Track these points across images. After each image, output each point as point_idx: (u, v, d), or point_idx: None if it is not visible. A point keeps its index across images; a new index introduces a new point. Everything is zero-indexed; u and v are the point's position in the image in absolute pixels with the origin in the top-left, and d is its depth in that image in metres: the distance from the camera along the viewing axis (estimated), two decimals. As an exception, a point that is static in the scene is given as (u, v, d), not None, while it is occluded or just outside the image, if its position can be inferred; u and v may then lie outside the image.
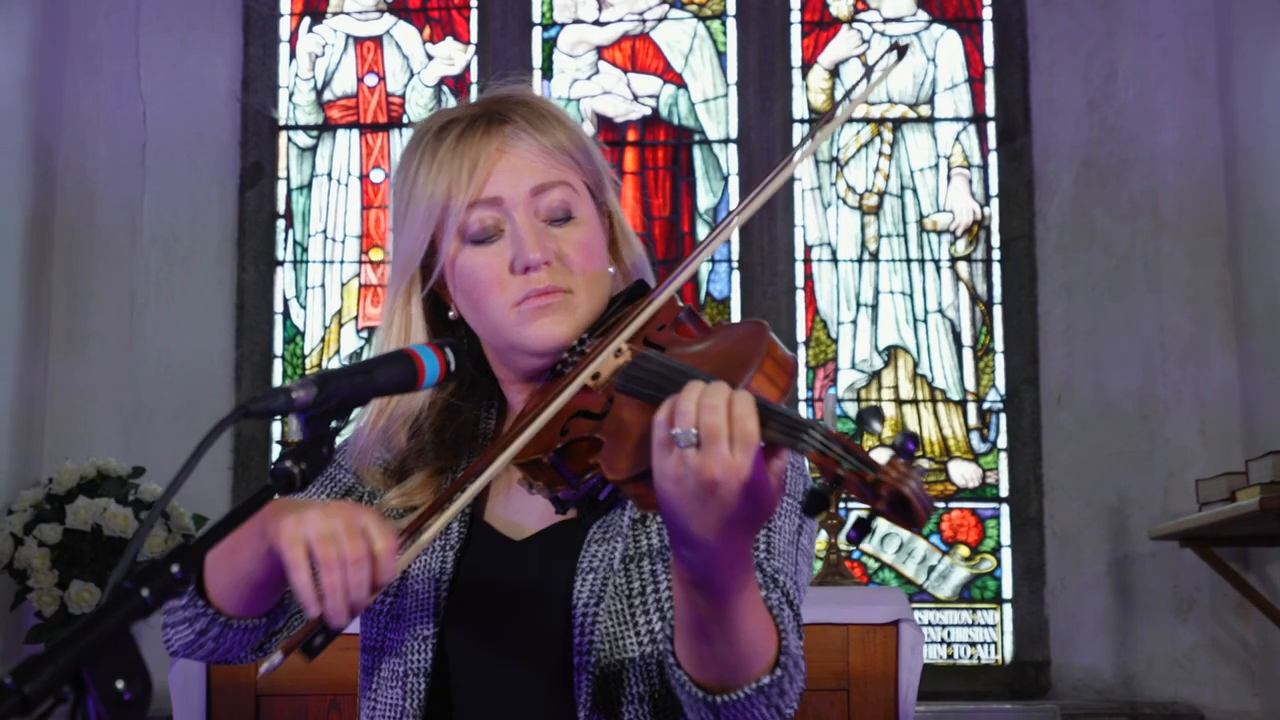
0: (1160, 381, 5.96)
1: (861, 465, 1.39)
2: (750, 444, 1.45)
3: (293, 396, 1.44)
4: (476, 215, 1.87)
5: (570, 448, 1.71)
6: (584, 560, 1.86)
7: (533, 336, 1.87)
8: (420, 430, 1.96)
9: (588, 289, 1.89)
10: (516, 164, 1.88)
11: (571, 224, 1.90)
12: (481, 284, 1.88)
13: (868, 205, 6.27)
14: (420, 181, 1.89)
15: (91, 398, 5.97)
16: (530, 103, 1.95)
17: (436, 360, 1.59)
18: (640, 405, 1.64)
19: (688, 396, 1.48)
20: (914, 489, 1.36)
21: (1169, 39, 6.09)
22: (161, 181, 6.15)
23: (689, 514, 1.49)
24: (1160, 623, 5.85)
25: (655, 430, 1.50)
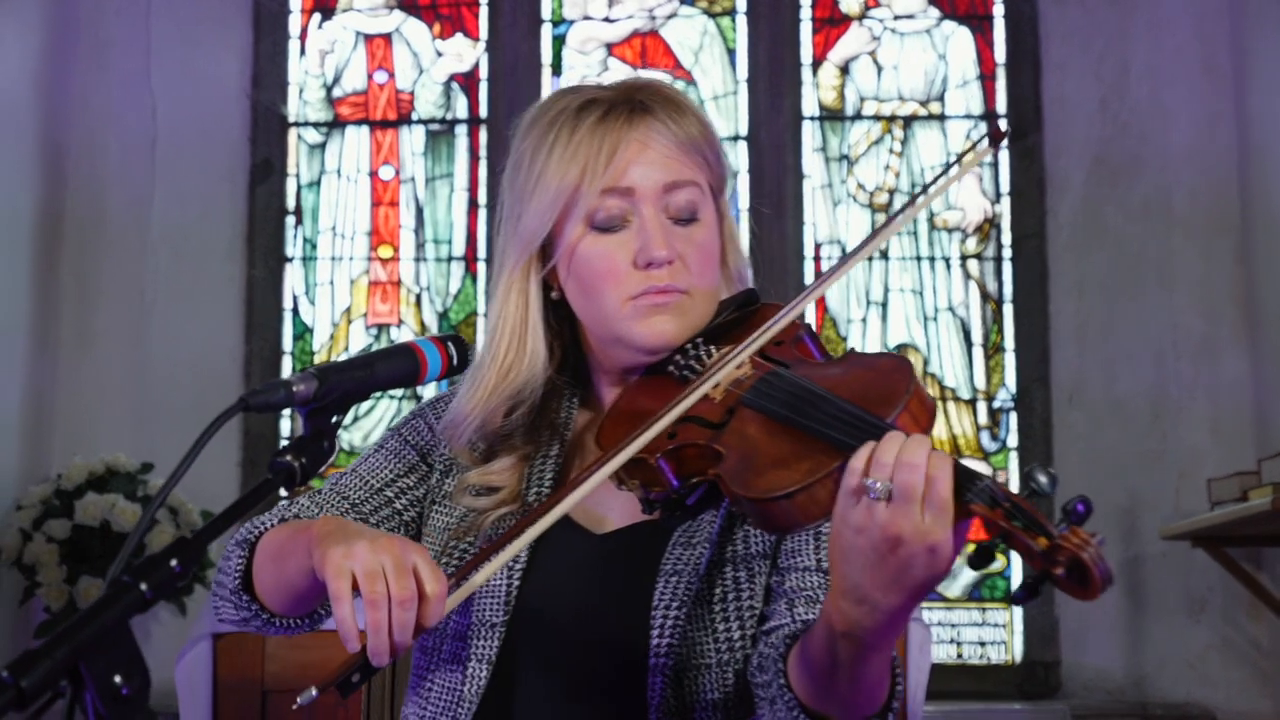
0: (1172, 380, 5.93)
1: (1034, 527, 1.38)
2: (944, 511, 1.43)
3: (293, 390, 1.43)
4: (607, 202, 1.85)
5: (681, 452, 1.69)
6: (667, 562, 1.84)
7: (644, 333, 1.85)
8: (520, 412, 1.94)
9: (703, 293, 1.88)
10: (653, 157, 1.86)
11: (695, 225, 1.89)
12: (599, 272, 1.86)
13: (878, 203, 6.25)
14: (555, 159, 1.87)
15: (101, 394, 5.97)
16: (672, 96, 1.92)
17: (439, 355, 1.58)
18: (769, 424, 1.63)
19: (888, 448, 1.45)
20: (1093, 556, 1.35)
21: (1182, 36, 6.06)
22: (171, 178, 6.15)
23: (862, 566, 1.47)
24: (1172, 623, 5.81)
25: (846, 476, 1.47)
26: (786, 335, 1.80)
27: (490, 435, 1.94)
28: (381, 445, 2.04)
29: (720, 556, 1.85)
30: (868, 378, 1.64)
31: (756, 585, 1.84)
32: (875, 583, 1.47)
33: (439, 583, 1.55)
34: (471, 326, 6.22)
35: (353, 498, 1.97)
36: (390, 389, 1.55)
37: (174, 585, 1.31)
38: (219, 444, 5.86)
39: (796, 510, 1.53)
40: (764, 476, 1.56)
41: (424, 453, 2.02)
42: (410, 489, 2.00)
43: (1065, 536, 1.36)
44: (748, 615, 1.82)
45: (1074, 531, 1.36)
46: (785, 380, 1.67)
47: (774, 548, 1.85)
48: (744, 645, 1.81)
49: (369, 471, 2.00)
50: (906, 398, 1.56)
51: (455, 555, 1.92)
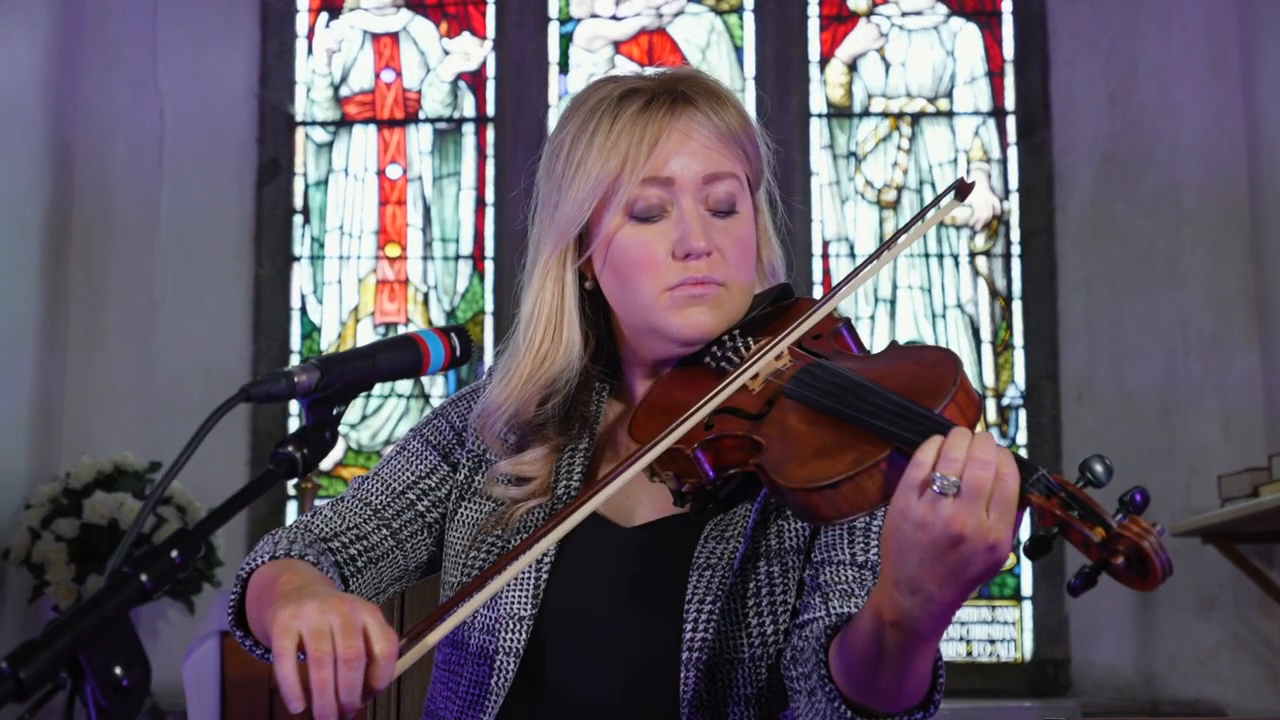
0: (1182, 377, 5.92)
1: (1092, 517, 1.38)
2: (1009, 510, 1.42)
3: (295, 380, 1.42)
4: (647, 192, 1.84)
5: (718, 443, 1.67)
6: (700, 556, 1.81)
7: (680, 324, 1.83)
8: (553, 401, 1.91)
9: (740, 286, 1.86)
10: (694, 148, 1.85)
11: (734, 218, 1.87)
12: (637, 262, 1.84)
13: (886, 200, 6.25)
14: (596, 148, 1.85)
15: (109, 393, 5.98)
16: (713, 88, 1.90)
17: (442, 346, 1.56)
18: (811, 414, 1.61)
19: (957, 443, 1.44)
20: (1153, 545, 1.35)
21: (1191, 32, 6.05)
22: (179, 177, 6.17)
23: (919, 560, 1.46)
24: (1182, 620, 5.80)
25: (912, 468, 1.45)
26: (824, 328, 1.78)
27: (522, 426, 1.93)
28: (403, 447, 2.02)
29: (754, 551, 1.82)
30: (913, 370, 1.63)
31: (790, 580, 1.82)
32: (931, 576, 1.46)
33: (389, 643, 1.48)
34: (479, 325, 6.22)
35: (375, 503, 1.96)
36: (392, 379, 1.54)
37: (174, 576, 1.30)
38: (227, 442, 5.87)
39: (841, 500, 1.52)
40: (807, 466, 1.55)
41: (445, 452, 2.00)
42: (432, 490, 1.98)
43: (1125, 526, 1.36)
44: (781, 610, 1.80)
45: (1134, 520, 1.36)
46: (828, 371, 1.65)
47: (808, 542, 1.84)
48: (777, 640, 1.79)
49: (390, 475, 1.99)
50: (954, 390, 1.55)
51: (483, 549, 1.90)
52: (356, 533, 1.92)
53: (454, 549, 1.94)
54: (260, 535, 5.93)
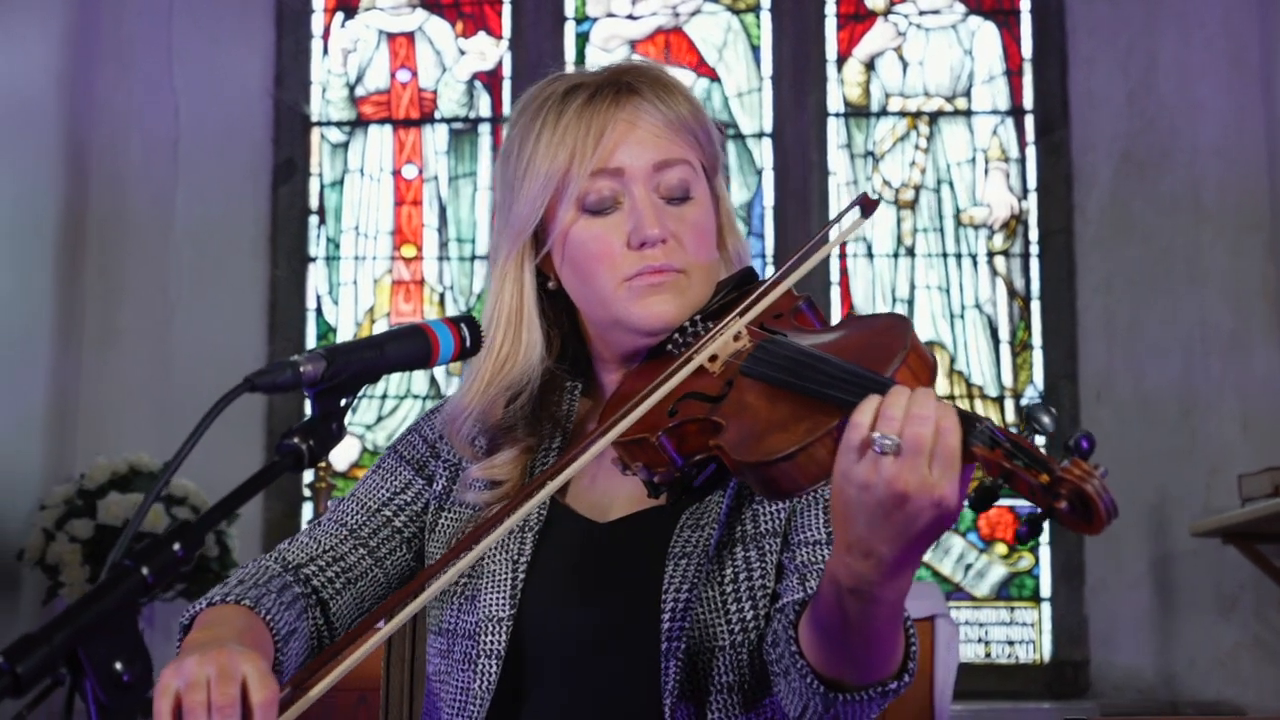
0: (1201, 376, 5.88)
1: (1035, 464, 1.37)
2: (952, 463, 1.41)
3: (300, 370, 1.39)
4: (597, 184, 1.84)
5: (682, 429, 1.67)
6: (676, 545, 1.81)
7: (641, 314, 1.83)
8: (519, 402, 1.91)
9: (700, 272, 1.85)
10: (642, 136, 1.85)
11: (689, 204, 1.87)
12: (594, 255, 1.84)
13: (904, 199, 6.22)
14: (543, 145, 1.85)
15: (124, 393, 5.97)
16: (659, 76, 1.90)
17: (451, 337, 1.54)
18: (768, 390, 1.61)
19: (895, 401, 1.43)
20: (1097, 488, 1.35)
21: (1210, 29, 6.01)
22: (194, 177, 6.15)
23: (866, 522, 1.45)
24: (1202, 621, 5.76)
25: (850, 430, 1.44)
26: (784, 307, 1.78)
27: (491, 429, 1.92)
28: (378, 466, 2.03)
29: (730, 537, 1.82)
30: (865, 338, 1.63)
31: (768, 564, 1.81)
32: (880, 537, 1.45)
33: (267, 691, 1.50)
34: (495, 325, 6.19)
35: (350, 523, 1.97)
36: (401, 370, 1.51)
37: (177, 569, 1.27)
38: (241, 443, 5.85)
39: (798, 471, 1.51)
40: (762, 441, 1.55)
41: (419, 466, 2.00)
42: (408, 504, 1.98)
43: (1067, 470, 1.35)
44: (760, 595, 1.79)
45: (1075, 464, 1.35)
46: (782, 345, 1.66)
47: (784, 525, 1.83)
48: (757, 625, 1.77)
49: (366, 494, 2.00)
50: (904, 352, 1.54)
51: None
52: (333, 555, 1.93)
53: (434, 559, 1.93)
54: (276, 536, 5.96)
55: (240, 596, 1.79)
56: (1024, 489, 1.37)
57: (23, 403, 5.60)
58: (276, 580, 1.85)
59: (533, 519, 1.89)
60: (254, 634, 1.72)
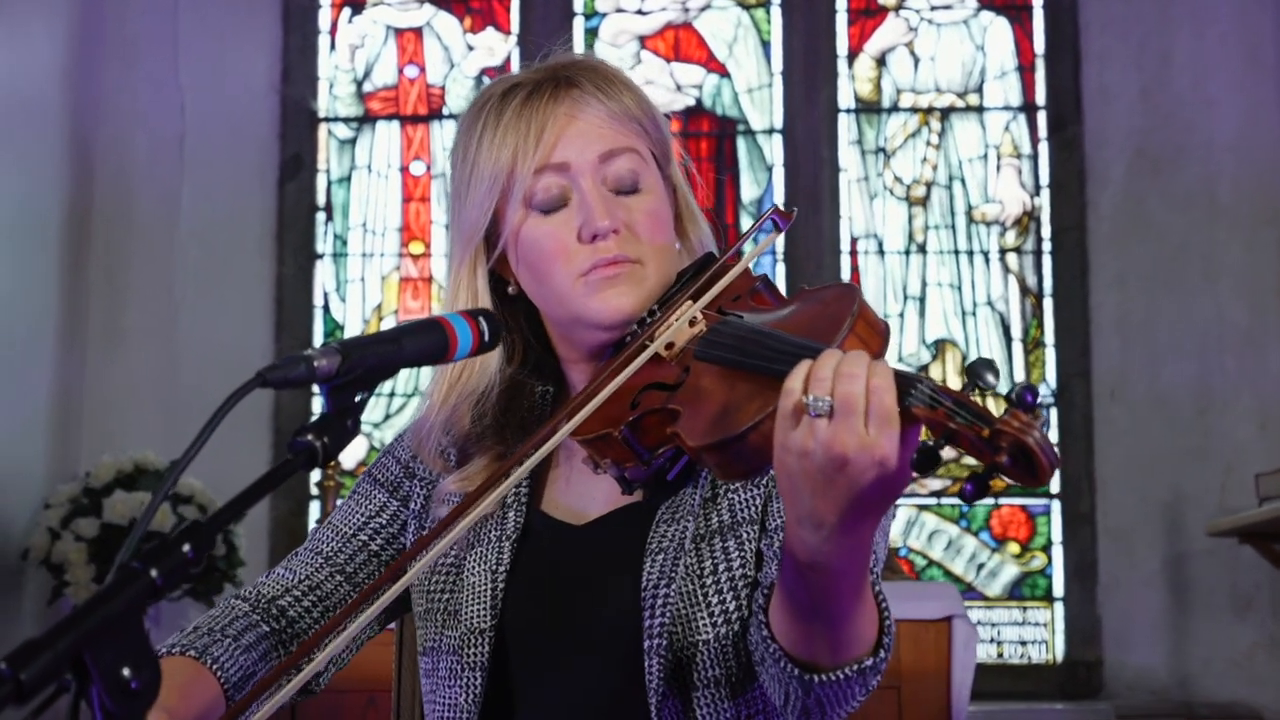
0: (1217, 374, 5.85)
1: (976, 419, 1.33)
2: (888, 420, 1.37)
3: (314, 365, 1.34)
4: (543, 182, 1.80)
5: (643, 421, 1.65)
6: (652, 541, 1.78)
7: (599, 308, 1.79)
8: (484, 411, 1.88)
9: (656, 260, 1.82)
10: (584, 129, 1.81)
11: (639, 194, 1.83)
12: (546, 253, 1.81)
13: (915, 196, 6.19)
14: (485, 147, 1.82)
15: (129, 392, 5.93)
16: (598, 68, 1.87)
17: (469, 330, 1.48)
18: (722, 372, 1.59)
19: (824, 363, 1.40)
20: (1038, 439, 1.29)
21: (1225, 24, 5.98)
22: (200, 174, 6.12)
23: (811, 491, 1.41)
24: (1218, 621, 5.73)
25: (783, 398, 1.41)
26: (741, 288, 1.75)
27: (460, 439, 1.89)
28: (353, 492, 2.01)
29: (707, 528, 1.78)
30: (815, 310, 1.62)
31: (747, 553, 1.77)
32: (828, 507, 1.41)
33: None
34: (503, 323, 6.18)
35: (326, 551, 1.95)
36: (418, 365, 1.46)
37: (187, 572, 1.22)
38: (249, 441, 5.81)
39: (750, 451, 1.49)
40: (716, 424, 1.53)
41: (393, 488, 1.98)
42: (383, 528, 1.96)
43: (1005, 421, 1.31)
44: (741, 584, 1.76)
45: (1014, 415, 1.31)
46: (732, 325, 1.63)
47: (761, 512, 1.79)
48: (740, 616, 1.74)
49: (341, 520, 1.98)
50: (851, 320, 1.51)
51: (442, 570, 1.89)
52: (308, 584, 1.92)
53: (417, 579, 1.91)
54: (283, 535, 5.95)
55: (187, 647, 1.78)
56: (966, 445, 1.33)
57: (27, 401, 5.57)
58: (239, 622, 1.85)
59: (510, 528, 1.87)
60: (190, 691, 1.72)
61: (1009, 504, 5.99)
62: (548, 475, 1.91)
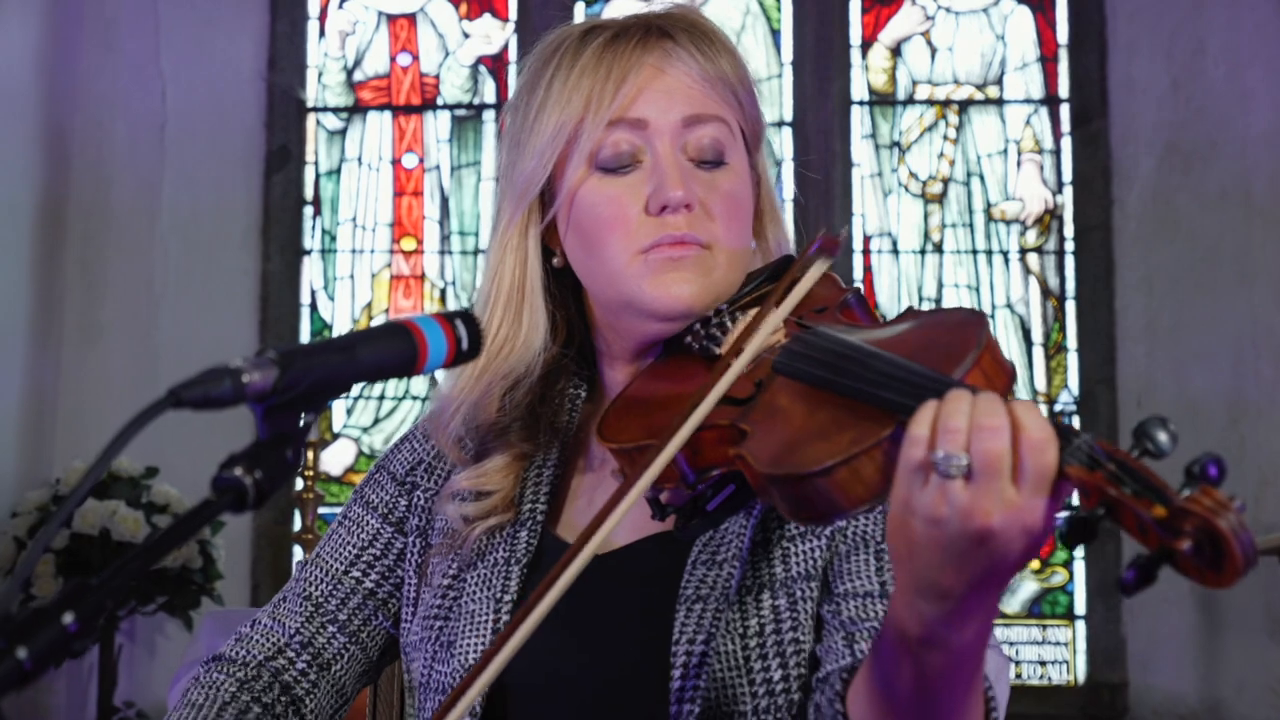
0: (1251, 382, 5.71)
1: (1147, 491, 1.12)
2: (1045, 482, 1.16)
3: (244, 381, 1.07)
4: (614, 137, 1.60)
5: (697, 436, 1.41)
6: (689, 585, 1.55)
7: (656, 294, 1.58)
8: (517, 399, 1.68)
9: (729, 248, 1.60)
10: (671, 85, 1.61)
11: (723, 170, 1.62)
12: (605, 220, 1.60)
13: (931, 193, 6.11)
14: (555, 90, 1.62)
15: (105, 394, 5.79)
16: (698, 23, 1.68)
17: (443, 336, 1.20)
18: (806, 391, 1.38)
19: (955, 408, 1.18)
20: (1233, 525, 1.08)
21: (1262, 12, 5.87)
22: (182, 165, 6.03)
23: (940, 562, 1.20)
24: (1251, 643, 5.60)
25: (907, 447, 1.19)
26: (830, 300, 1.54)
27: (483, 428, 1.69)
28: (344, 516, 1.82)
29: (754, 579, 1.56)
30: (929, 333, 1.40)
31: (800, 614, 1.54)
32: (958, 578, 1.21)
33: None
34: (499, 323, 6.03)
35: (316, 596, 1.77)
36: (380, 379, 1.18)
37: (69, 649, 0.96)
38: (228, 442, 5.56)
39: (837, 491, 1.27)
40: (796, 452, 1.31)
41: (387, 512, 1.78)
42: (378, 559, 1.78)
43: (1193, 499, 1.10)
44: (790, 652, 1.53)
45: (1206, 491, 1.11)
46: (822, 337, 1.42)
47: (822, 567, 1.57)
48: (786, 689, 1.52)
49: (331, 555, 1.79)
50: (978, 351, 1.28)
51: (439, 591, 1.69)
52: (301, 639, 1.75)
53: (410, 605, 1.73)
54: (266, 547, 5.83)
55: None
56: (1131, 523, 1.12)
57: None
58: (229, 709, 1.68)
59: (520, 550, 1.65)
60: None
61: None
62: (567, 490, 1.70)
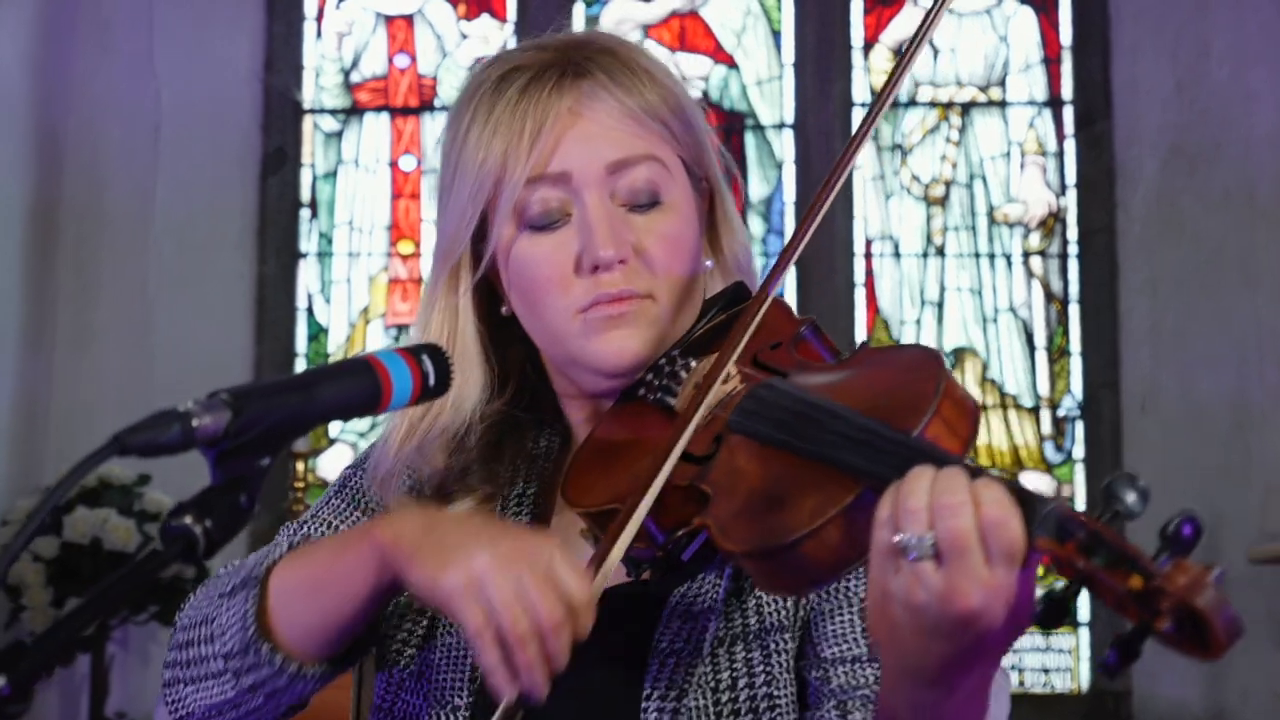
0: (1256, 386, 5.67)
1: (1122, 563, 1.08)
2: (1016, 557, 1.13)
3: (194, 424, 1.02)
4: (539, 194, 1.54)
5: (661, 498, 1.39)
6: (662, 639, 1.51)
7: (600, 352, 1.54)
8: (464, 448, 1.62)
9: (673, 294, 1.56)
10: (591, 131, 1.54)
11: (658, 210, 1.57)
12: (539, 281, 1.55)
13: (933, 195, 6.07)
14: (471, 143, 1.56)
15: (99, 399, 5.76)
16: (617, 52, 1.60)
17: (409, 373, 1.15)
18: (763, 452, 1.34)
19: (914, 488, 1.16)
20: (1212, 602, 1.04)
21: (1266, 13, 5.83)
22: (176, 167, 5.99)
23: (924, 647, 1.18)
24: (1257, 651, 5.49)
25: (877, 530, 1.17)
26: (785, 334, 1.50)
27: (435, 478, 1.63)
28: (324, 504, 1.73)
29: (728, 631, 1.52)
30: (884, 379, 1.37)
31: (774, 668, 1.51)
32: (945, 661, 1.19)
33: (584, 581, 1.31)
34: (500, 328, 6.03)
35: None
36: (341, 418, 1.14)
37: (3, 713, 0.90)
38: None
39: (807, 564, 1.25)
40: (759, 522, 1.28)
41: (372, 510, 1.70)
42: None
43: (1168, 576, 1.06)
44: (764, 707, 1.50)
45: (1179, 567, 1.06)
46: (778, 393, 1.38)
47: (800, 619, 1.54)
48: None
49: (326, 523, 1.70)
50: (936, 400, 1.26)
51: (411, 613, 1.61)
52: None
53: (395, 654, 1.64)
54: None
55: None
56: (1109, 597, 1.09)
57: (-12, 408, 5.49)
58: None
59: None
60: None
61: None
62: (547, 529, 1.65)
